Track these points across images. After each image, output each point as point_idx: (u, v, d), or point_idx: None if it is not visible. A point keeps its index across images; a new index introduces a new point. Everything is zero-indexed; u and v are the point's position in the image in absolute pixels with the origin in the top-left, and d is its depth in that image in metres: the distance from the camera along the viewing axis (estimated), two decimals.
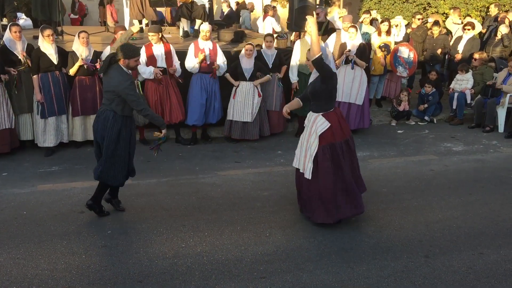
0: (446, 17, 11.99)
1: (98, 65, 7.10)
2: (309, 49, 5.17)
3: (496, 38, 9.89)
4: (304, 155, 4.98)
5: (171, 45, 7.53)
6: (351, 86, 8.04)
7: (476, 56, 9.29)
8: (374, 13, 10.67)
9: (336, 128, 4.90)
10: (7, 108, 6.83)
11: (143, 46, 7.40)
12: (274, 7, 13.33)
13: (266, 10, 12.87)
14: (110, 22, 12.44)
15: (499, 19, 10.82)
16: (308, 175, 4.91)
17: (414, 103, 9.56)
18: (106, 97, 4.82)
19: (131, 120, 5.00)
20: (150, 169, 6.60)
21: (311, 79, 5.12)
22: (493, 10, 11.44)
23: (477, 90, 9.06)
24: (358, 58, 7.97)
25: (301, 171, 5.04)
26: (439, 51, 10.03)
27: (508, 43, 9.62)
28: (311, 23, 4.93)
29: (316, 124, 4.90)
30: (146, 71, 7.29)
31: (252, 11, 14.36)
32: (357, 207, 4.98)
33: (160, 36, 7.36)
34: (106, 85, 4.82)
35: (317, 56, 4.75)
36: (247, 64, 7.65)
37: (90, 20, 16.57)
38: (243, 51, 7.72)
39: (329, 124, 4.86)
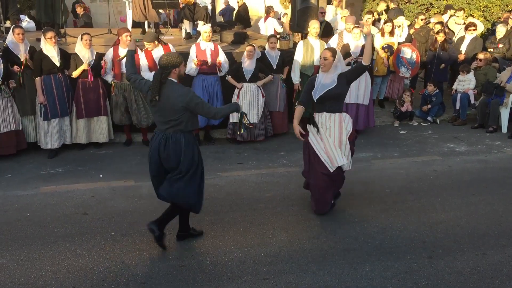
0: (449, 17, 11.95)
1: (103, 68, 7.12)
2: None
3: (497, 38, 9.88)
4: (341, 153, 5.10)
5: (170, 46, 7.50)
6: (358, 87, 8.03)
7: (481, 56, 9.26)
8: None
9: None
10: (12, 110, 6.85)
11: (143, 51, 7.36)
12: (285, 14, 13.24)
13: (268, 11, 12.87)
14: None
15: (502, 19, 10.81)
16: (348, 166, 5.21)
17: (417, 104, 9.54)
18: (170, 119, 4.24)
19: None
20: None
21: (324, 82, 4.97)
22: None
23: (480, 89, 9.04)
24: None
25: (346, 168, 5.19)
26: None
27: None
28: (367, 34, 5.26)
29: (346, 122, 5.12)
30: (150, 77, 7.28)
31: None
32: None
33: (156, 43, 7.31)
34: (166, 108, 4.22)
35: (369, 63, 5.10)
36: (248, 65, 7.65)
37: (93, 23, 16.58)
38: (244, 53, 7.72)
39: (351, 127, 5.19)
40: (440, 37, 9.50)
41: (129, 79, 4.58)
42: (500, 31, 9.88)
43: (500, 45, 9.76)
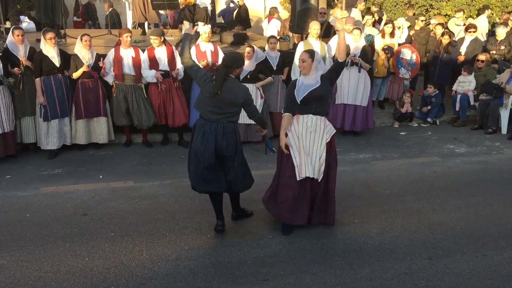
0: (449, 19, 11.98)
1: (102, 69, 7.11)
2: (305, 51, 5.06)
3: (498, 39, 9.89)
4: (319, 161, 4.75)
5: (173, 48, 7.55)
6: (356, 88, 8.04)
7: (482, 57, 9.27)
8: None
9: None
10: (12, 111, 6.84)
11: (146, 49, 7.42)
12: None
13: (271, 12, 12.87)
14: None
15: (502, 20, 10.81)
16: (321, 177, 4.78)
17: (416, 105, 9.55)
18: (227, 111, 4.59)
19: None
20: (153, 171, 6.61)
21: (307, 83, 4.78)
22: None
23: (480, 89, 9.04)
24: (361, 59, 7.98)
25: (316, 177, 4.75)
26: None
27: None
28: (340, 30, 4.92)
29: (327, 128, 4.81)
30: (148, 75, 7.31)
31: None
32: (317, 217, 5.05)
33: (162, 40, 7.38)
34: (226, 101, 4.55)
35: (343, 59, 4.82)
36: (246, 66, 7.65)
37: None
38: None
39: (335, 130, 4.88)
40: (445, 40, 9.49)
41: (184, 62, 4.74)
42: (500, 32, 9.89)
43: (502, 47, 9.76)
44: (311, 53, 4.80)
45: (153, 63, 7.34)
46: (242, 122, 7.66)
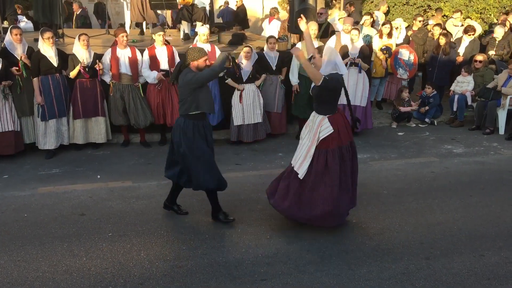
0: (446, 19, 11.99)
1: (99, 70, 7.10)
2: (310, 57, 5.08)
3: (496, 40, 9.91)
4: (304, 155, 4.82)
5: (173, 48, 7.56)
6: (356, 89, 8.06)
7: (480, 58, 9.28)
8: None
9: (342, 132, 4.78)
10: (10, 110, 6.83)
11: (146, 48, 7.44)
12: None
13: (272, 13, 12.87)
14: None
15: (499, 21, 10.83)
16: (301, 175, 4.78)
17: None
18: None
19: None
20: (151, 171, 6.60)
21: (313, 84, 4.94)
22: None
23: (477, 92, 9.06)
24: (361, 60, 7.99)
25: (295, 168, 4.84)
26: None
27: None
28: (299, 56, 4.71)
29: (321, 127, 4.76)
30: (150, 75, 7.33)
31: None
32: (353, 202, 5.05)
33: (163, 36, 7.46)
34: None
35: (320, 82, 4.64)
36: (245, 66, 7.66)
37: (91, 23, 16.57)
38: (241, 54, 7.74)
39: (332, 130, 4.72)
40: (442, 41, 9.50)
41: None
42: (499, 32, 9.90)
43: (501, 50, 9.79)
44: (319, 49, 4.99)
45: (154, 62, 7.34)
46: (249, 122, 7.70)
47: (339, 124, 4.78)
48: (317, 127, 4.77)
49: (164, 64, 7.38)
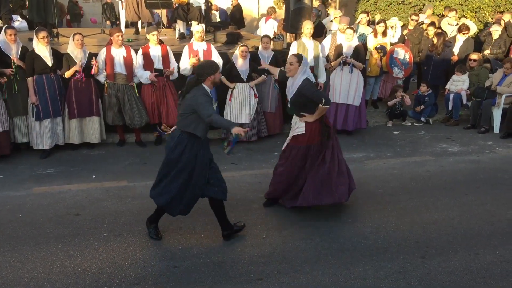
0: (441, 18, 12.01)
1: (95, 67, 7.06)
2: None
3: (493, 39, 9.94)
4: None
5: (168, 47, 7.54)
6: (349, 88, 8.06)
7: (475, 57, 9.30)
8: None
9: (312, 134, 5.18)
10: (2, 110, 6.79)
11: (141, 48, 7.42)
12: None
13: (269, 12, 12.85)
14: None
15: (494, 20, 10.85)
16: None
17: (410, 104, 9.56)
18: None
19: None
20: (147, 171, 6.58)
21: (290, 89, 5.20)
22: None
23: (472, 92, 9.08)
24: (354, 59, 7.99)
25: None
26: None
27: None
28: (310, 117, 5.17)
29: (297, 129, 5.24)
30: (143, 75, 7.31)
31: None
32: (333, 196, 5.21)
33: (158, 35, 7.45)
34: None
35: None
36: (242, 65, 7.65)
37: (85, 22, 16.52)
38: (237, 52, 7.72)
39: (303, 132, 5.17)
40: (436, 40, 9.51)
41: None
42: (495, 30, 9.91)
43: (497, 50, 9.82)
44: (299, 57, 5.06)
45: (148, 61, 7.33)
46: (234, 121, 7.67)
47: (315, 128, 5.16)
48: (294, 129, 5.29)
49: (157, 64, 7.36)
